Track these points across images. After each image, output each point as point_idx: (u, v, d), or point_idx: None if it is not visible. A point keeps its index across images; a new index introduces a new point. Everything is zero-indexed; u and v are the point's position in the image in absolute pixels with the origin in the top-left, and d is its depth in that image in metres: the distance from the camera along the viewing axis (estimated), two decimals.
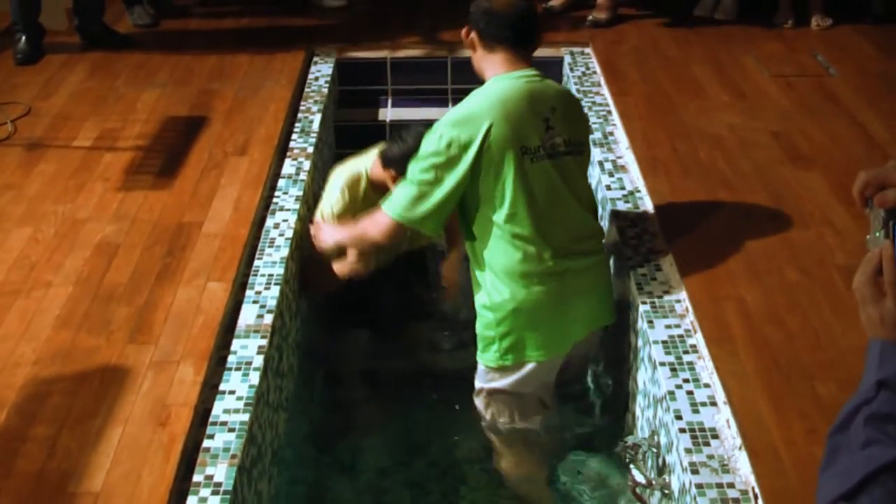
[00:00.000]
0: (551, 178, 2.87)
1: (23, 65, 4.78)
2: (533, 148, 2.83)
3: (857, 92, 4.51)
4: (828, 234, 3.36)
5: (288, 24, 5.39)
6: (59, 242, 3.33)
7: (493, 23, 2.90)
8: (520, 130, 2.81)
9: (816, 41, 5.14)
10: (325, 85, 4.55)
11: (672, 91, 4.49)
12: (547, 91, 2.92)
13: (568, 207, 2.93)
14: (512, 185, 2.81)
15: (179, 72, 4.73)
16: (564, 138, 2.88)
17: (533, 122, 2.84)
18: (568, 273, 2.94)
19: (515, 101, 2.83)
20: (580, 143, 2.96)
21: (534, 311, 2.93)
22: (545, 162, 2.85)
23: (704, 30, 5.25)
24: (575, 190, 2.94)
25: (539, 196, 2.85)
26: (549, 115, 2.87)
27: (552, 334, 2.99)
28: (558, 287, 2.93)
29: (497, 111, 2.80)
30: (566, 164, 2.90)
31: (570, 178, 2.92)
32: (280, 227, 3.44)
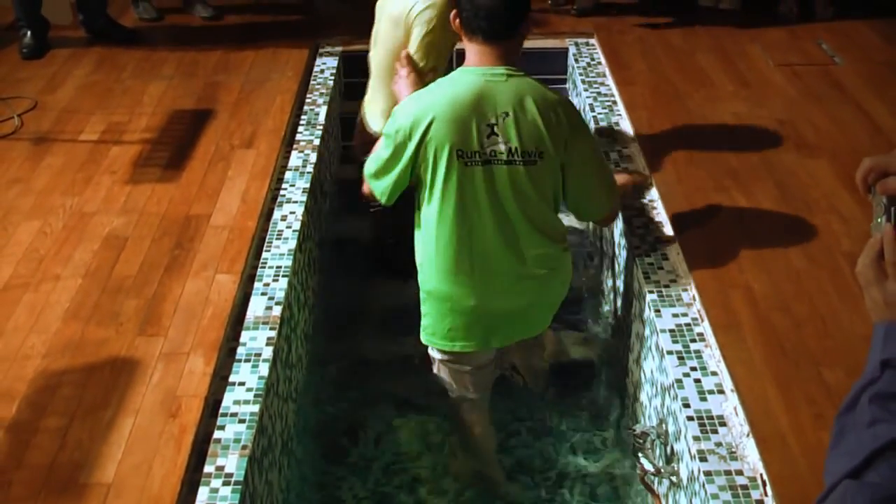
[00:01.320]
0: (484, 185, 2.73)
1: (29, 59, 4.79)
2: (469, 152, 2.70)
3: (863, 80, 4.50)
4: (834, 221, 3.37)
5: (293, 18, 5.39)
6: (68, 235, 3.35)
7: (470, 11, 2.72)
8: (460, 131, 2.69)
9: (821, 30, 5.13)
10: (331, 77, 4.55)
11: (677, 80, 4.49)
12: (505, 94, 2.70)
13: (504, 219, 2.78)
14: (442, 186, 2.74)
15: (185, 65, 4.73)
16: (511, 146, 2.70)
17: (475, 125, 2.69)
18: (493, 284, 2.86)
19: (464, 101, 2.70)
20: (532, 152, 2.72)
21: (449, 305, 2.90)
22: (478, 168, 2.72)
23: (709, 19, 5.25)
24: (518, 202, 2.77)
25: (469, 202, 2.75)
26: (498, 121, 2.69)
27: (468, 332, 2.93)
28: (479, 293, 2.86)
29: (443, 107, 2.70)
30: (510, 173, 2.73)
31: (513, 189, 2.74)
32: (287, 219, 3.45)
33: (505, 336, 3.02)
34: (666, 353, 2.80)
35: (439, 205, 2.77)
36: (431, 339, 3.00)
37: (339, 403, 3.55)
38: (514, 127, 2.69)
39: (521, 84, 2.73)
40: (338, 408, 3.53)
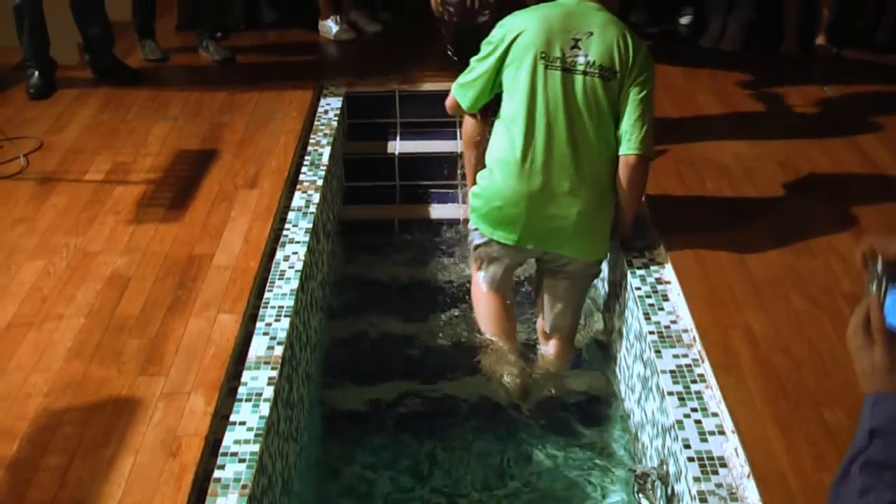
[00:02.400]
0: (561, 88, 3.15)
1: (36, 99, 4.83)
2: (551, 57, 3.15)
3: (863, 120, 4.54)
4: (834, 261, 3.38)
5: (297, 58, 5.45)
6: (71, 275, 3.37)
7: None
8: (546, 38, 3.16)
9: (821, 69, 5.18)
10: (335, 118, 4.59)
11: (677, 117, 4.52)
12: (594, 19, 3.18)
13: (573, 125, 3.17)
14: (525, 84, 3.17)
15: (190, 105, 4.78)
16: (588, 59, 3.15)
17: (561, 35, 3.16)
18: (548, 187, 3.21)
19: (554, 16, 3.19)
20: (608, 68, 3.15)
21: (497, 194, 3.27)
22: (558, 72, 3.16)
23: (710, 60, 5.29)
24: (588, 111, 3.17)
25: (546, 102, 3.17)
26: (582, 37, 3.16)
27: (507, 220, 3.28)
28: (534, 193, 3.22)
29: (534, 18, 3.20)
30: (583, 82, 3.16)
31: (582, 97, 3.16)
32: (290, 259, 3.46)
33: (540, 240, 3.31)
34: (667, 394, 2.80)
35: (520, 102, 3.19)
36: (479, 222, 3.38)
37: (340, 443, 3.54)
38: (596, 44, 3.15)
39: (610, 17, 3.22)
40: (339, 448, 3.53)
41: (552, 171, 3.20)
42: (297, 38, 5.74)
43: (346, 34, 5.58)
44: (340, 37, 5.56)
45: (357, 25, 5.67)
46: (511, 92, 3.23)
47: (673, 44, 5.59)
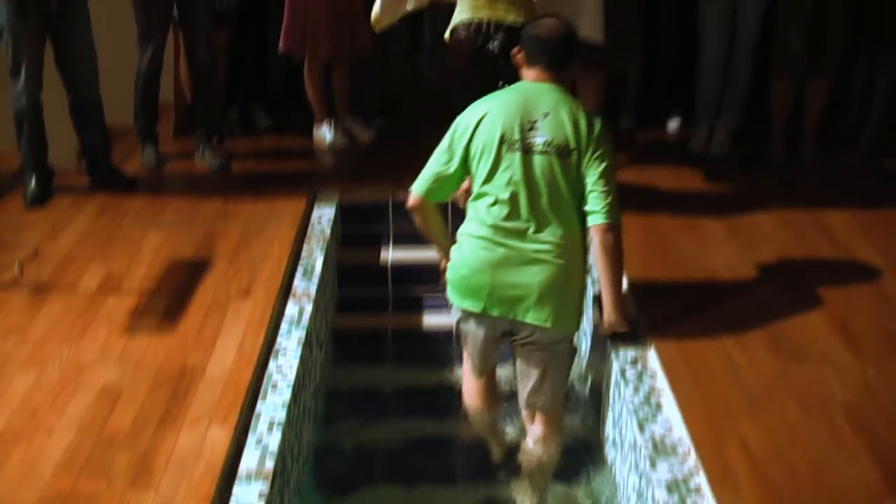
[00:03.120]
0: (522, 168, 3.31)
1: (33, 206, 4.86)
2: (512, 139, 3.32)
3: (851, 225, 4.59)
4: (827, 369, 3.38)
5: (292, 164, 5.51)
6: (63, 387, 3.35)
7: (534, 46, 3.44)
8: (506, 122, 3.34)
9: (809, 174, 5.25)
10: (328, 226, 4.62)
11: (669, 227, 4.56)
12: (549, 100, 3.37)
13: (531, 198, 3.33)
14: (488, 166, 3.34)
15: (185, 212, 4.81)
16: (546, 139, 3.31)
17: (520, 119, 3.34)
18: (511, 256, 3.35)
19: (512, 100, 3.39)
20: (564, 146, 3.32)
21: (465, 264, 3.43)
22: (518, 153, 3.32)
23: (699, 165, 5.36)
24: (546, 186, 3.32)
25: (506, 180, 3.33)
26: (538, 118, 3.34)
27: (473, 288, 3.41)
28: (497, 263, 3.36)
29: (495, 106, 3.39)
30: (542, 161, 3.32)
31: (541, 175, 3.32)
32: (282, 369, 3.46)
33: (505, 308, 3.40)
34: None
35: (485, 182, 3.37)
36: (450, 293, 3.53)
37: None
38: (551, 124, 3.33)
39: (564, 96, 3.41)
40: None
41: (516, 243, 3.35)
42: (292, 143, 5.81)
43: (340, 141, 5.65)
44: (334, 144, 5.63)
45: (351, 132, 5.75)
46: (478, 175, 3.39)
47: (662, 149, 5.66)
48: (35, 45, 4.72)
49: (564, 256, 3.36)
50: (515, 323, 3.42)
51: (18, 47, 4.67)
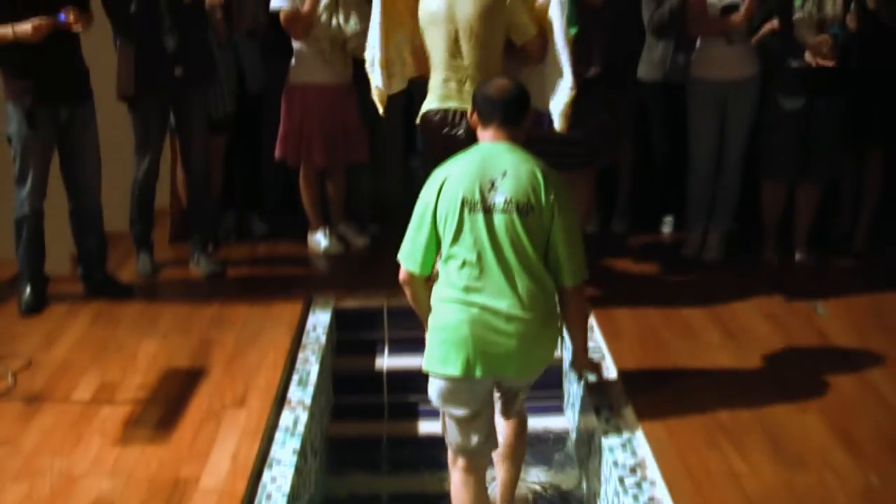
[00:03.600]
0: (485, 228, 3.38)
1: (28, 315, 4.85)
2: (473, 201, 3.40)
3: (847, 329, 4.59)
4: (829, 477, 3.36)
5: (287, 271, 5.52)
6: (54, 500, 3.31)
7: (486, 105, 3.56)
8: (467, 186, 3.41)
9: (803, 278, 5.27)
10: (323, 334, 4.62)
11: (665, 332, 4.56)
12: (507, 159, 3.45)
13: (502, 260, 3.39)
14: (454, 231, 3.41)
15: (180, 320, 4.80)
16: (507, 198, 3.38)
17: (479, 180, 3.41)
18: (487, 317, 3.38)
19: (472, 162, 3.47)
20: (525, 204, 3.39)
21: (441, 328, 3.44)
22: (480, 214, 3.39)
23: (693, 270, 5.39)
24: (511, 245, 3.39)
25: (474, 243, 3.40)
26: (497, 178, 3.41)
27: (452, 351, 3.39)
28: (475, 325, 3.37)
29: (455, 170, 3.48)
30: (503, 220, 3.38)
31: (505, 234, 3.38)
32: (277, 480, 3.42)
33: (486, 366, 3.39)
34: None
35: (453, 245, 3.42)
36: (428, 364, 3.48)
37: None
38: (511, 183, 3.40)
39: (522, 154, 3.50)
40: None
41: (489, 301, 3.39)
42: (287, 250, 5.82)
43: (336, 248, 5.68)
44: (329, 251, 5.66)
45: (345, 238, 5.78)
46: (445, 237, 3.46)
47: (655, 253, 5.69)
48: (43, 154, 4.77)
49: (537, 308, 3.42)
50: (498, 378, 3.51)
51: (27, 157, 4.73)
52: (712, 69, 5.31)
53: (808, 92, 5.10)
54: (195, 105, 5.26)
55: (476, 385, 3.44)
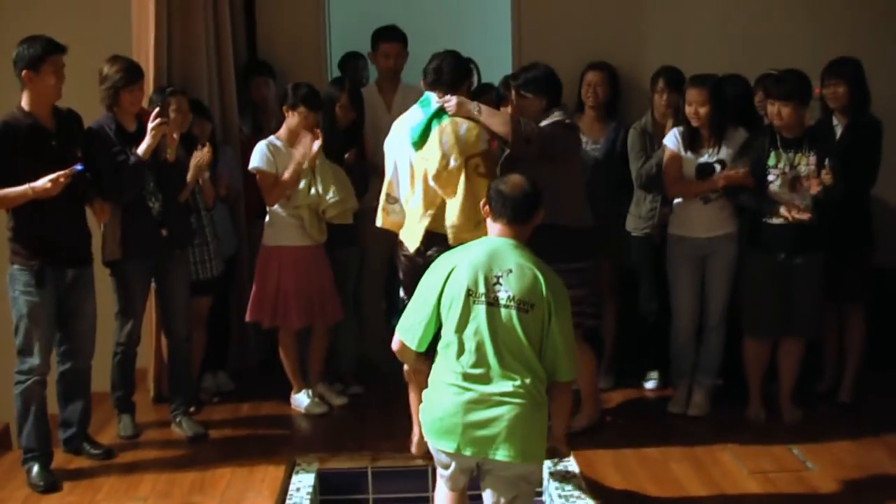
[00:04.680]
0: (486, 320, 3.67)
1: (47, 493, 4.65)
2: (477, 293, 3.68)
3: (837, 485, 4.55)
4: None
5: (270, 432, 5.46)
6: None
7: (499, 201, 3.84)
8: (473, 276, 3.70)
9: (790, 433, 5.24)
10: (307, 496, 4.53)
11: (652, 490, 4.51)
12: (513, 257, 3.75)
13: (495, 347, 3.66)
14: (457, 318, 3.69)
15: (161, 484, 4.71)
16: (509, 294, 3.67)
17: (485, 274, 3.70)
18: (480, 400, 3.64)
19: (480, 255, 3.76)
20: (527, 302, 3.68)
21: (437, 407, 3.73)
22: (483, 306, 3.67)
23: (680, 426, 5.36)
24: (509, 338, 3.67)
25: (473, 330, 3.68)
26: (502, 274, 3.70)
27: (446, 430, 3.67)
28: (468, 407, 3.64)
29: (463, 260, 3.77)
30: (507, 314, 3.67)
31: (508, 328, 3.67)
32: None
33: (477, 448, 3.65)
34: None
35: (454, 332, 3.70)
36: (427, 433, 3.79)
37: None
38: (514, 281, 3.68)
39: (527, 254, 3.80)
40: None
41: (483, 388, 3.65)
42: (270, 410, 5.76)
43: (318, 408, 5.63)
44: (312, 410, 5.61)
45: (325, 398, 5.74)
46: (447, 323, 3.72)
47: (640, 409, 5.67)
48: (49, 317, 4.72)
49: (528, 397, 3.65)
50: (487, 461, 3.69)
51: (33, 321, 4.65)
52: (690, 227, 5.41)
53: (786, 248, 5.19)
54: (178, 267, 5.31)
55: (465, 460, 3.72)
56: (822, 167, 5.07)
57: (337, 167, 5.57)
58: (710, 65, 5.54)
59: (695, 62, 5.63)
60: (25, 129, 4.56)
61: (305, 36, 6.52)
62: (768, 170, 5.16)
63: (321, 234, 5.56)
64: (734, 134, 5.35)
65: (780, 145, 5.16)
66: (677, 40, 6.39)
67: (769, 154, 5.17)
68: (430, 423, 3.76)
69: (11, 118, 4.58)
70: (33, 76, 4.55)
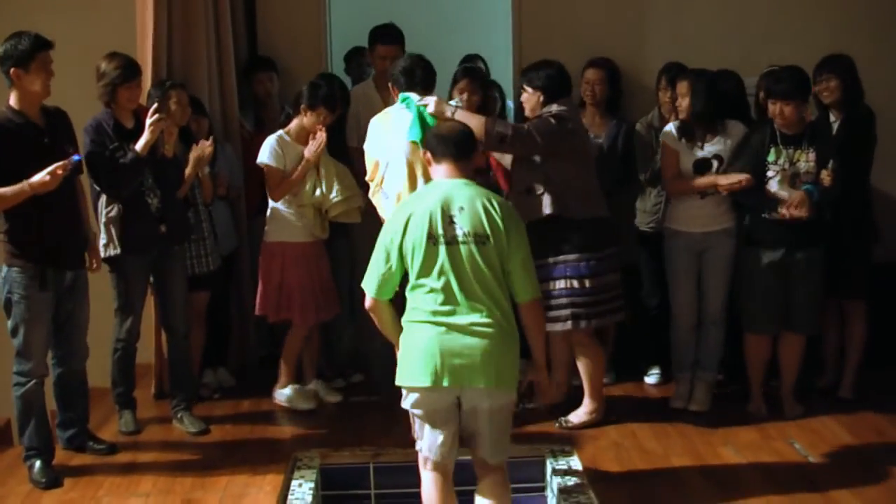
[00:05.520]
0: (448, 259, 3.81)
1: (49, 489, 4.65)
2: (436, 235, 3.82)
3: (838, 478, 4.56)
4: None
5: (272, 427, 5.47)
6: None
7: (440, 142, 4.04)
8: (430, 221, 3.83)
9: (791, 428, 5.24)
10: (310, 492, 4.53)
11: (654, 485, 4.52)
12: (462, 195, 3.89)
13: (462, 281, 3.81)
14: (420, 261, 3.83)
15: (162, 481, 4.71)
16: (465, 231, 3.82)
17: (440, 216, 3.83)
18: (453, 333, 3.79)
19: (433, 198, 3.89)
20: (482, 235, 3.83)
21: (412, 346, 3.86)
22: (443, 246, 3.82)
23: (681, 421, 5.36)
24: (473, 272, 3.82)
25: (440, 271, 3.82)
26: (455, 213, 3.84)
27: (424, 365, 3.79)
28: (442, 340, 3.79)
29: (418, 205, 3.90)
30: (466, 250, 3.82)
31: (470, 263, 3.82)
32: None
33: (454, 376, 3.79)
34: None
35: (417, 277, 3.85)
36: (401, 379, 3.90)
37: None
38: (468, 217, 3.84)
39: (475, 189, 3.95)
40: None
41: (454, 320, 3.81)
42: (272, 406, 5.72)
43: (306, 403, 5.63)
44: (298, 405, 5.62)
45: (318, 395, 5.73)
46: (412, 269, 3.87)
47: (642, 404, 5.67)
48: (48, 319, 4.70)
49: (497, 327, 3.83)
50: (464, 389, 3.82)
51: (33, 322, 4.62)
52: (687, 222, 5.42)
53: (785, 244, 5.19)
54: (176, 263, 5.32)
55: (444, 394, 3.84)
56: (822, 165, 5.08)
57: (342, 166, 5.57)
58: (712, 61, 5.56)
59: (697, 58, 5.63)
60: (16, 127, 4.53)
61: (306, 31, 6.51)
62: (768, 166, 5.16)
63: (324, 232, 5.58)
64: (732, 128, 5.35)
65: (780, 142, 5.17)
66: (679, 36, 6.38)
67: (769, 150, 5.17)
68: (406, 360, 3.88)
69: (2, 117, 4.53)
70: (22, 74, 4.50)
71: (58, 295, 4.73)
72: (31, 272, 4.59)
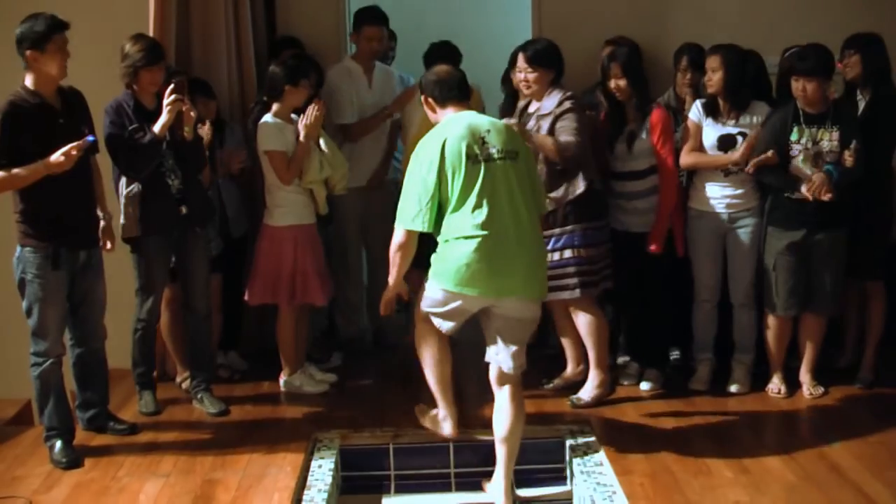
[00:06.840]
0: (487, 175, 4.09)
1: (69, 468, 4.67)
2: (474, 155, 4.09)
3: (860, 461, 4.53)
4: None
5: (291, 408, 5.47)
6: None
7: (443, 86, 4.31)
8: (466, 143, 4.09)
9: (810, 409, 5.22)
10: (329, 472, 4.54)
11: (675, 468, 4.49)
12: (482, 121, 4.24)
13: (501, 196, 4.10)
14: (463, 181, 4.07)
15: (183, 461, 4.72)
16: (498, 148, 4.13)
17: (473, 138, 4.11)
18: (499, 246, 4.08)
19: (460, 126, 4.15)
20: (512, 151, 4.18)
21: (457, 256, 4.09)
22: (482, 164, 4.10)
23: (702, 403, 5.34)
24: (510, 185, 4.13)
25: (482, 190, 4.08)
26: (485, 135, 4.14)
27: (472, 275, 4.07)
28: (480, 246, 4.06)
29: (449, 133, 4.13)
30: (502, 166, 4.13)
31: (503, 178, 4.12)
32: None
33: (499, 289, 4.13)
34: None
35: (460, 195, 4.08)
36: (446, 281, 4.15)
37: None
38: (497, 136, 4.16)
39: (487, 118, 4.35)
40: None
41: (501, 234, 4.08)
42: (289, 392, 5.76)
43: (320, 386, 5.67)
44: (309, 390, 5.64)
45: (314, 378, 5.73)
46: (453, 188, 4.08)
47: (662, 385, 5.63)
48: (63, 299, 4.70)
49: (537, 239, 4.26)
50: (502, 299, 4.15)
51: (47, 302, 4.62)
52: (710, 202, 5.38)
53: (808, 224, 5.15)
54: (197, 244, 5.30)
55: (480, 302, 4.15)
56: (845, 144, 5.03)
57: (329, 138, 5.57)
58: (733, 40, 5.48)
59: (719, 38, 5.55)
60: (32, 108, 4.52)
61: (325, 12, 6.48)
62: (791, 145, 5.11)
63: (325, 208, 5.59)
64: (756, 107, 5.31)
65: (804, 121, 5.12)
66: (700, 15, 6.33)
67: (792, 129, 5.12)
68: (452, 270, 4.10)
69: (18, 98, 4.53)
70: (39, 56, 4.49)
71: (72, 274, 4.73)
72: (45, 251, 4.59)
